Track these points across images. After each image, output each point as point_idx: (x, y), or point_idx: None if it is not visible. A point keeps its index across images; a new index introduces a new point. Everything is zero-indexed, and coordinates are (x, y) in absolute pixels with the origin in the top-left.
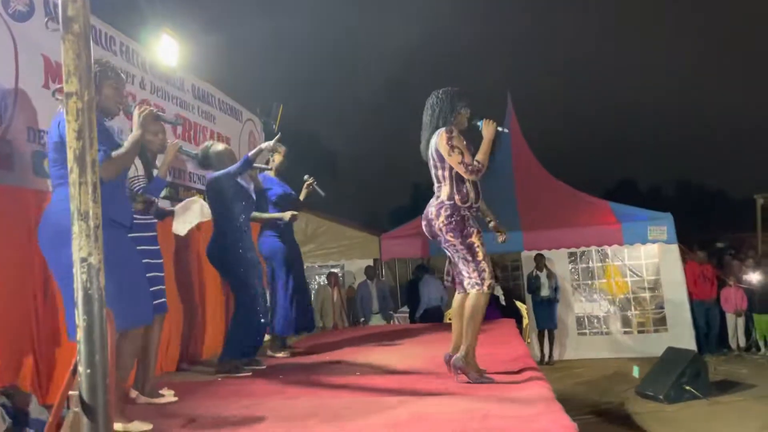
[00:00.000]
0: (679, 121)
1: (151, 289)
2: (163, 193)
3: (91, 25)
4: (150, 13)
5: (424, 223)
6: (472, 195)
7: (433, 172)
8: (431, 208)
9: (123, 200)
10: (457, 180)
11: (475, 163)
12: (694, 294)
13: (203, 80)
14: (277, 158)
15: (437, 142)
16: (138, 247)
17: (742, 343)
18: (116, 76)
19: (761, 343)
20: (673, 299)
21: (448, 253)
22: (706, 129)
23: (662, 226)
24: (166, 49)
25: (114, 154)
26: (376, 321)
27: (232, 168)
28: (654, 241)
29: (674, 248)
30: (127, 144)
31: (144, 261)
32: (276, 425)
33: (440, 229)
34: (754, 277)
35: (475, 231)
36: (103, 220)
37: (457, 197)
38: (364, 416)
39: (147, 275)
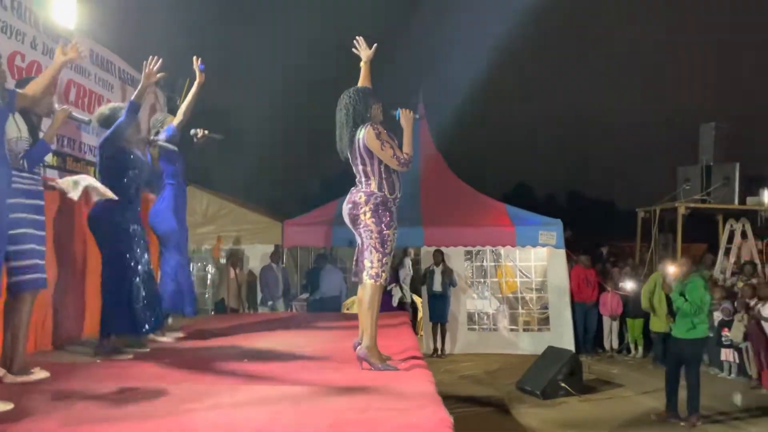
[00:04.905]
0: (577, 132)
1: (29, 263)
2: (49, 160)
3: None
4: None
5: (348, 206)
6: (397, 185)
7: (360, 168)
8: (360, 194)
9: None
10: (385, 173)
11: (404, 155)
12: (576, 296)
13: (103, 46)
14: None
15: (366, 139)
16: (24, 215)
17: (615, 345)
18: None
19: (632, 346)
20: (556, 301)
21: (359, 240)
22: (600, 141)
23: (552, 231)
24: (63, 9)
25: None
26: (280, 306)
27: (121, 119)
28: (544, 245)
29: (561, 253)
30: None
31: (27, 231)
32: (151, 410)
33: (364, 213)
34: (629, 285)
35: (394, 227)
36: None
37: (386, 188)
38: (246, 403)
39: (26, 247)
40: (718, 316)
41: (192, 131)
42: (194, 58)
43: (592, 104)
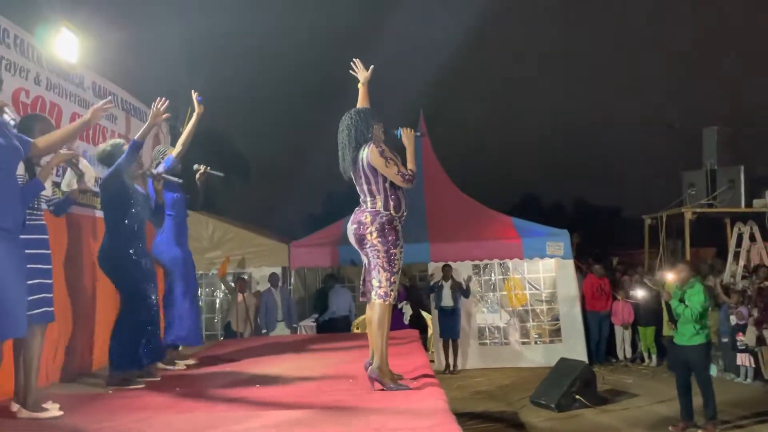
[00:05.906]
0: (579, 141)
1: (36, 297)
2: (51, 194)
3: None
4: (49, 4)
5: (354, 226)
6: (403, 203)
7: (365, 187)
8: (365, 214)
9: (10, 202)
10: (390, 190)
11: (409, 172)
12: (590, 305)
13: (105, 78)
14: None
15: (370, 158)
16: (27, 251)
17: (629, 354)
18: None
19: (645, 355)
20: (567, 312)
21: (365, 260)
22: (604, 150)
23: (559, 242)
24: (66, 44)
25: None
26: (280, 330)
27: (122, 158)
28: (552, 256)
29: (570, 263)
30: None
31: (32, 266)
32: None
33: (371, 233)
34: (639, 293)
35: (401, 245)
36: None
37: (392, 206)
38: (260, 429)
39: (33, 282)
40: (733, 320)
41: (195, 166)
42: (192, 92)
43: (594, 111)
